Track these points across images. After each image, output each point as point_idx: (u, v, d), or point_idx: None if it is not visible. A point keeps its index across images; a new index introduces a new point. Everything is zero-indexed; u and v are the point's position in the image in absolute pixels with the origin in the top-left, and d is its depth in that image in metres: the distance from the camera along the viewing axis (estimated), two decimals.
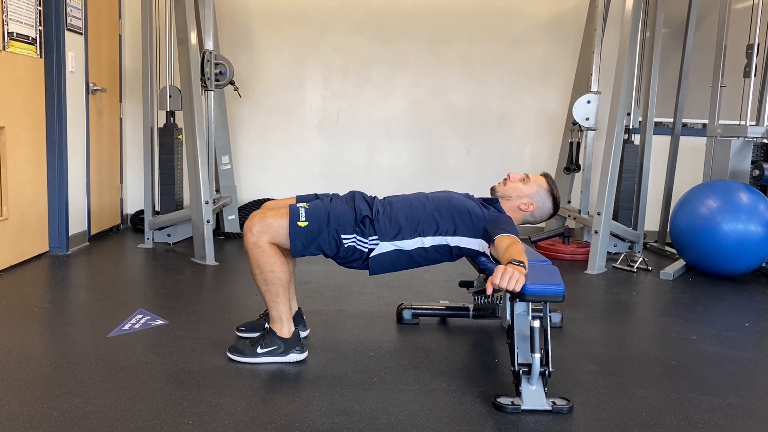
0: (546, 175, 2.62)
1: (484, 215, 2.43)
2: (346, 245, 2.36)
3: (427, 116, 5.24)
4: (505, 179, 2.60)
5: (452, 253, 2.46)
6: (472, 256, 2.49)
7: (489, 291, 1.97)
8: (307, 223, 2.32)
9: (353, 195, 2.50)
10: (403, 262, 2.45)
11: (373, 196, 2.55)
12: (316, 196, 2.54)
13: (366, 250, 2.38)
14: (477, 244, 2.41)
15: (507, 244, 2.17)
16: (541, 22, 5.15)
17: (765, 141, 4.19)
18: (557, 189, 2.61)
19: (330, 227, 2.34)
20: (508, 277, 1.93)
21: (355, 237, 2.36)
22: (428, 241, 2.41)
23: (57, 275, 3.62)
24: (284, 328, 2.39)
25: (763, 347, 2.81)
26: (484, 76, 5.20)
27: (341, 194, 2.57)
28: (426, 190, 2.62)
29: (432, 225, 2.40)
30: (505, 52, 5.17)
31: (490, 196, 2.61)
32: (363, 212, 2.39)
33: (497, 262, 2.24)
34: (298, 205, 2.39)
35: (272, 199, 5.12)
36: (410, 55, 5.17)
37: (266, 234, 2.29)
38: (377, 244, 2.38)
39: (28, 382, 2.15)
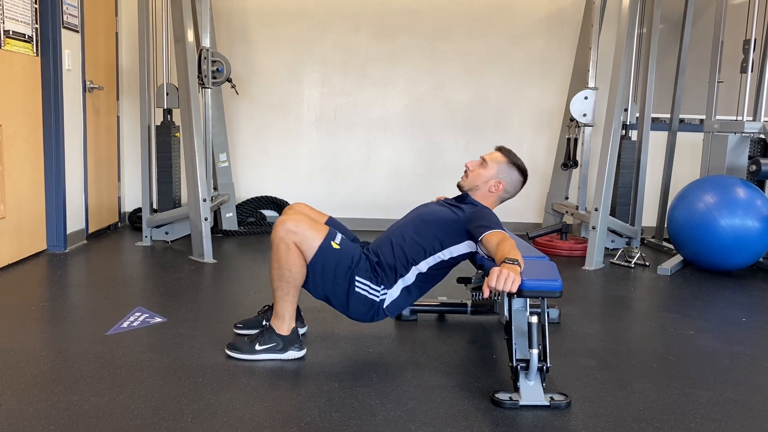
0: (500, 149, 2.61)
1: (460, 217, 2.44)
2: (357, 290, 2.38)
3: (425, 113, 5.23)
4: (465, 171, 2.61)
5: (450, 264, 2.49)
6: (469, 257, 2.50)
7: (486, 294, 1.98)
8: (339, 247, 2.36)
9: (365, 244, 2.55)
10: (414, 294, 2.49)
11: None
12: (344, 229, 2.58)
13: (378, 300, 2.41)
14: (467, 246, 2.43)
15: (496, 242, 2.18)
16: (539, 18, 5.15)
17: (762, 136, 4.20)
18: (517, 156, 2.59)
19: (351, 265, 2.37)
20: (504, 279, 1.94)
21: (368, 284, 2.39)
22: (423, 266, 2.44)
23: (55, 273, 3.62)
24: (285, 325, 2.39)
25: (760, 342, 2.82)
26: (482, 72, 5.19)
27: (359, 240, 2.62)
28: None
29: (419, 251, 2.43)
30: (504, 49, 5.17)
31: (460, 192, 2.62)
32: (374, 259, 2.44)
33: (491, 258, 2.24)
34: (336, 231, 2.42)
35: (273, 198, 5.14)
36: (409, 52, 5.16)
37: (295, 236, 2.30)
38: (386, 294, 2.42)
39: (26, 381, 2.15)
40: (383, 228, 2.64)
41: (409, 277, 2.44)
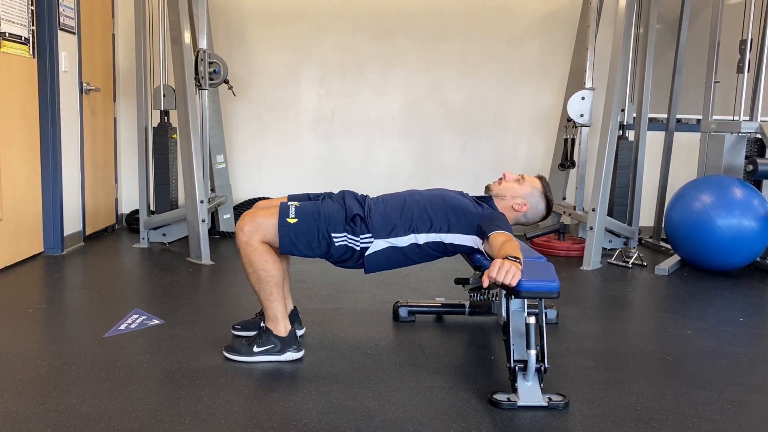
0: (541, 177, 2.63)
1: (478, 212, 2.43)
2: (337, 244, 2.36)
3: (423, 114, 5.24)
4: (500, 179, 2.61)
5: (447, 250, 2.46)
6: (467, 253, 2.49)
7: (485, 284, 1.98)
8: (296, 220, 2.33)
9: (344, 194, 2.51)
10: (398, 260, 2.45)
11: (365, 194, 2.55)
12: (308, 197, 2.55)
13: (359, 248, 2.38)
14: (471, 240, 2.42)
15: (502, 240, 2.18)
16: (536, 19, 5.16)
17: (758, 136, 4.21)
18: (551, 191, 2.62)
19: (320, 226, 2.35)
20: (505, 271, 1.95)
21: (346, 236, 2.37)
22: (422, 238, 2.41)
23: (52, 276, 3.62)
24: (280, 326, 2.39)
25: (758, 342, 2.83)
26: (480, 73, 5.20)
27: (334, 193, 2.57)
28: (421, 188, 2.63)
29: (426, 222, 2.41)
30: (501, 50, 5.18)
31: (484, 194, 2.61)
32: (354, 211, 2.40)
33: (491, 258, 2.24)
34: (288, 203, 2.40)
35: (265, 198, 5.15)
36: (406, 53, 5.16)
37: (257, 233, 2.30)
38: (371, 242, 2.38)
39: (24, 383, 2.14)
40: None
41: (403, 241, 2.41)
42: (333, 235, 2.35)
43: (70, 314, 2.97)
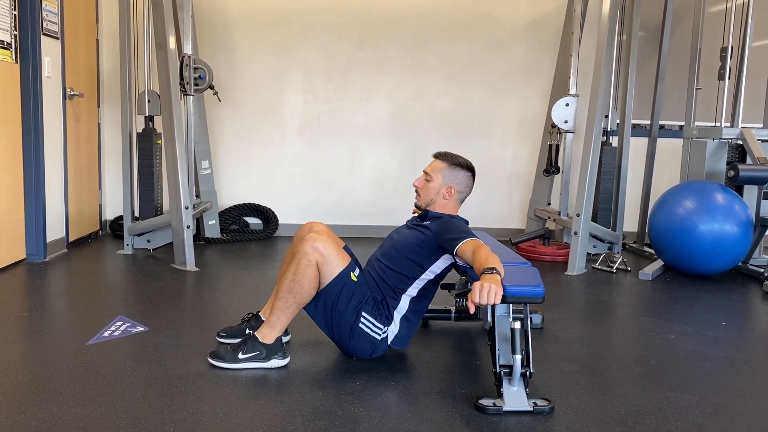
0: (437, 156, 2.59)
1: (428, 236, 2.45)
2: (360, 326, 2.38)
3: (409, 119, 5.25)
4: (416, 191, 2.60)
5: (439, 280, 2.51)
6: (453, 268, 2.52)
7: (472, 310, 1.98)
8: (356, 280, 2.38)
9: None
10: (414, 320, 2.51)
11: None
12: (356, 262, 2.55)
13: (379, 338, 2.42)
14: (446, 259, 2.45)
15: (471, 251, 2.19)
16: (520, 25, 5.19)
17: (739, 142, 4.26)
18: (455, 156, 2.57)
19: (363, 299, 2.38)
20: (486, 293, 1.95)
21: (373, 322, 2.40)
22: (412, 291, 2.46)
23: (34, 283, 3.58)
24: (272, 335, 2.38)
25: (740, 346, 2.86)
26: (465, 79, 5.22)
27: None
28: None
29: (402, 279, 2.45)
30: (486, 56, 5.20)
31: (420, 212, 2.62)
32: (377, 296, 2.45)
33: (469, 266, 2.25)
34: (355, 264, 2.44)
35: (256, 203, 5.11)
36: (392, 59, 5.18)
37: (320, 256, 2.31)
38: (387, 331, 2.44)
39: (5, 392, 2.12)
40: (367, 235, 2.64)
41: (403, 306, 2.45)
42: (363, 314, 2.38)
43: (53, 322, 2.94)
